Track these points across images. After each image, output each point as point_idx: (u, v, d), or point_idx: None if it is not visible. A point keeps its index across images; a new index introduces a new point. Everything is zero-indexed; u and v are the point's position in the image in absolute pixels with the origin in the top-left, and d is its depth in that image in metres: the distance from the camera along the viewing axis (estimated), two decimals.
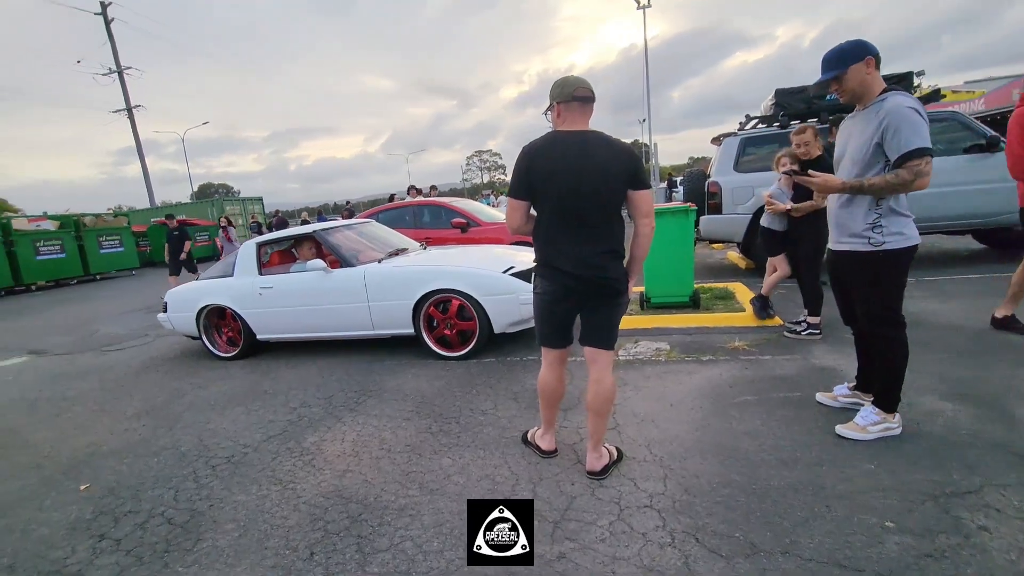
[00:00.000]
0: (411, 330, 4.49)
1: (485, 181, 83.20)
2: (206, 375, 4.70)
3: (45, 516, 2.59)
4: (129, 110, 26.74)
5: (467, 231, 7.36)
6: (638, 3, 28.11)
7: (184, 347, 5.77)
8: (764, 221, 4.33)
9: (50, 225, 14.56)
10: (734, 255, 8.49)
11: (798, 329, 4.06)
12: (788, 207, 3.97)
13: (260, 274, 4.99)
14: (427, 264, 4.55)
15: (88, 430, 3.66)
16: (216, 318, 5.24)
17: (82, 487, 2.84)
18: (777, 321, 4.47)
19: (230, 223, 12.84)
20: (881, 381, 2.56)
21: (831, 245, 2.61)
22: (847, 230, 2.45)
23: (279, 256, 5.49)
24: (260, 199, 24.54)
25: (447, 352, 4.40)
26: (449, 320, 4.37)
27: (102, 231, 15.87)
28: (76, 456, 3.25)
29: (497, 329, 4.27)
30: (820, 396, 2.98)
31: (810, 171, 2.51)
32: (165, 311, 5.40)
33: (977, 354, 3.45)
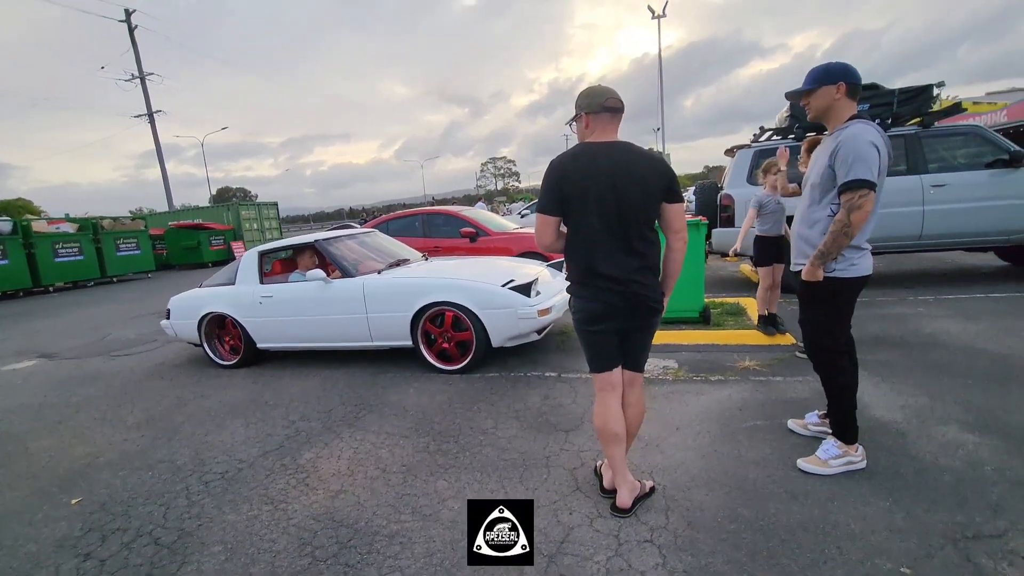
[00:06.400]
0: (409, 342, 4.44)
1: (499, 188, 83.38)
2: (209, 384, 4.67)
3: (35, 532, 2.55)
4: (150, 115, 27.19)
5: (476, 241, 7.31)
6: (652, 13, 28.06)
7: (190, 354, 5.76)
8: (756, 228, 4.40)
9: (69, 228, 14.77)
10: (747, 268, 8.32)
11: None
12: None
13: (261, 283, 4.96)
14: (426, 276, 4.50)
15: (87, 439, 3.64)
16: (217, 326, 5.23)
17: (74, 501, 2.81)
18: (789, 339, 4.34)
19: None
20: (832, 411, 2.50)
21: (792, 267, 2.55)
22: (802, 251, 2.43)
23: (281, 265, 5.48)
24: (275, 204, 24.69)
25: (445, 365, 4.34)
26: (446, 333, 4.31)
27: (120, 234, 16.07)
28: (73, 467, 3.22)
29: (495, 343, 4.21)
30: (791, 423, 2.89)
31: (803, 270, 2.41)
32: (168, 317, 5.41)
33: (1002, 380, 3.29)
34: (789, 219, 4.01)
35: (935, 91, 5.78)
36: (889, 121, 5.72)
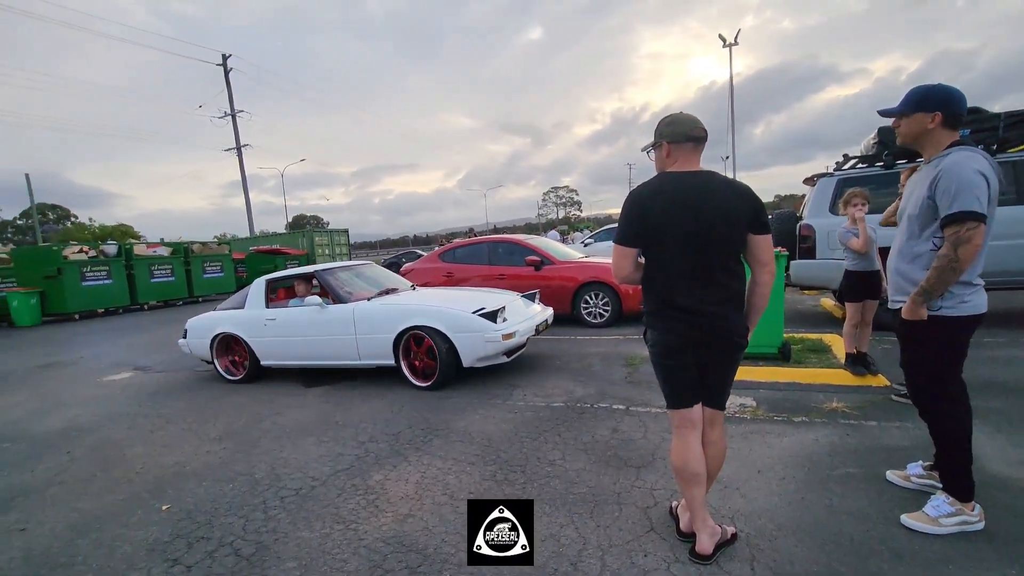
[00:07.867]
0: (392, 361, 4.92)
1: (560, 217, 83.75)
2: (283, 401, 4.88)
3: (130, 534, 2.72)
4: (239, 149, 29.53)
5: (540, 269, 7.32)
6: (724, 41, 27.75)
7: (265, 373, 6.05)
8: (845, 261, 4.22)
9: (164, 251, 16.14)
10: (828, 302, 7.83)
11: (905, 391, 3.59)
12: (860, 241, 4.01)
13: (267, 307, 5.56)
14: (407, 303, 5.04)
15: (175, 449, 3.86)
16: (227, 345, 5.83)
17: (164, 507, 2.97)
18: (882, 380, 4.00)
19: None
20: (943, 463, 2.26)
21: (890, 304, 2.34)
22: (901, 288, 2.23)
23: (285, 292, 6.04)
24: (346, 231, 25.92)
25: (420, 382, 4.80)
26: (419, 354, 4.81)
27: (206, 257, 17.37)
28: (163, 475, 3.42)
29: (465, 363, 4.65)
30: (891, 474, 2.63)
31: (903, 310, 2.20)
32: (185, 337, 6.01)
33: None
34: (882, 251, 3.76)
35: None
36: (994, 147, 5.29)
